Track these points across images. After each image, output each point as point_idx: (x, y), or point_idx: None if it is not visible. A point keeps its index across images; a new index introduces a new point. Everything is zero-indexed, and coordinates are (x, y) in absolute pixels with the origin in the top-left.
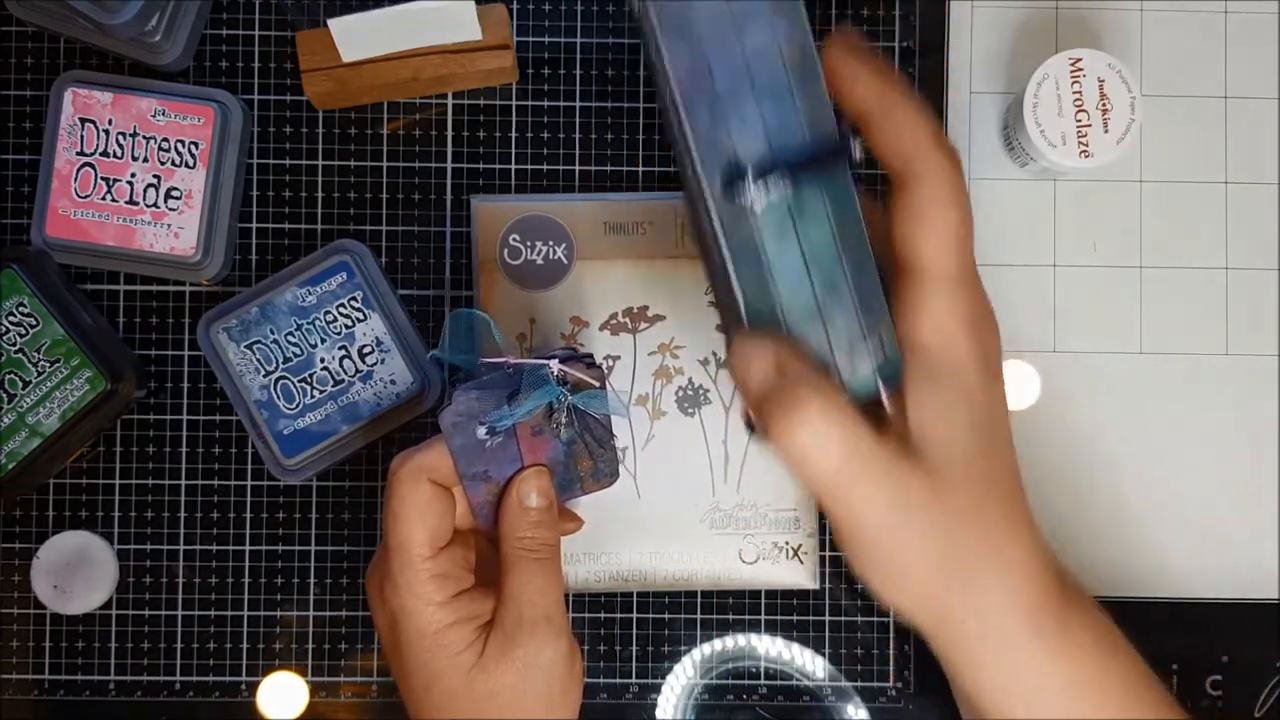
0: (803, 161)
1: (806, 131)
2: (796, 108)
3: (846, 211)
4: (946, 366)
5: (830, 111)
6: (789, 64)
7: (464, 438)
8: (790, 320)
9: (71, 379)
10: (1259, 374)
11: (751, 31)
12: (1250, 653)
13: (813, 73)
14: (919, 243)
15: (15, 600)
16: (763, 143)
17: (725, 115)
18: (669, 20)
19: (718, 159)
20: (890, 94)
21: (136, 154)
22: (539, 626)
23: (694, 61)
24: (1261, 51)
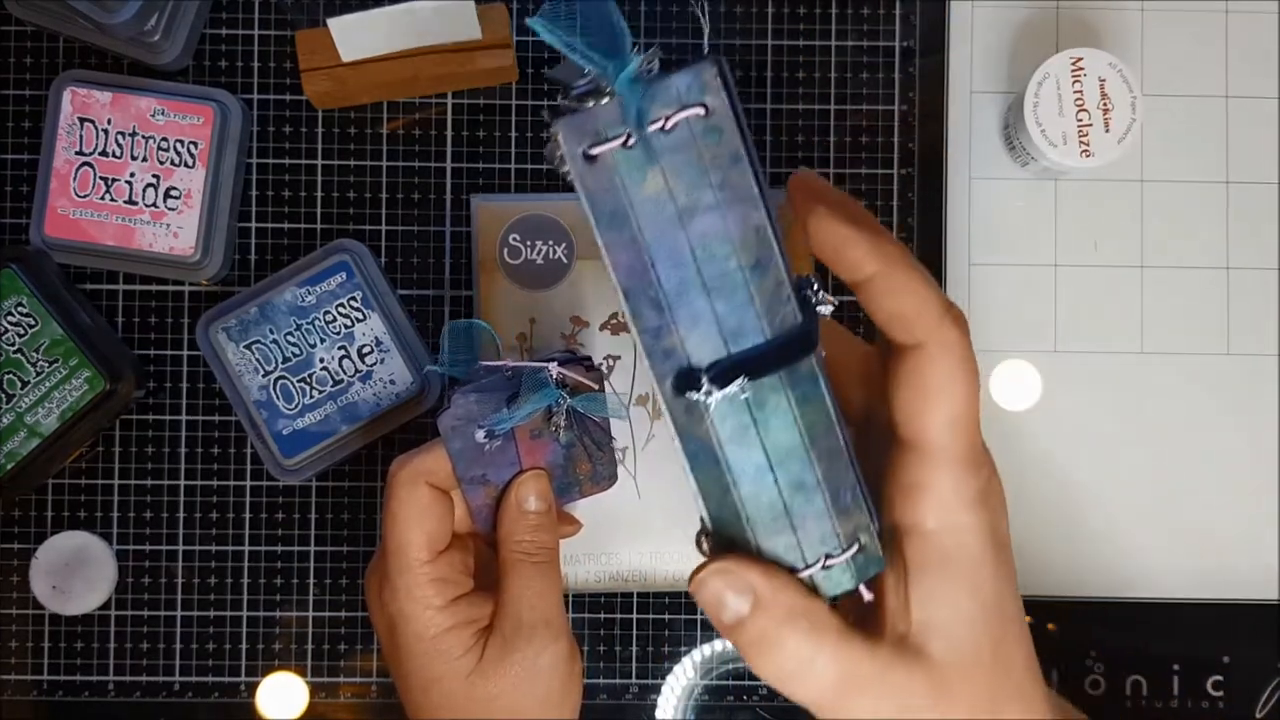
0: (762, 359)
1: (765, 325)
2: (753, 300)
3: (814, 405)
4: (952, 553)
5: (790, 299)
6: (742, 251)
7: (463, 441)
8: (755, 525)
9: (70, 379)
10: (1259, 374)
11: (699, 220)
12: (1251, 654)
13: (769, 257)
14: (925, 422)
15: (14, 601)
16: (717, 342)
17: (673, 313)
18: (603, 209)
19: (666, 360)
20: (889, 257)
21: (135, 153)
22: (538, 630)
23: (634, 257)
24: (1262, 51)
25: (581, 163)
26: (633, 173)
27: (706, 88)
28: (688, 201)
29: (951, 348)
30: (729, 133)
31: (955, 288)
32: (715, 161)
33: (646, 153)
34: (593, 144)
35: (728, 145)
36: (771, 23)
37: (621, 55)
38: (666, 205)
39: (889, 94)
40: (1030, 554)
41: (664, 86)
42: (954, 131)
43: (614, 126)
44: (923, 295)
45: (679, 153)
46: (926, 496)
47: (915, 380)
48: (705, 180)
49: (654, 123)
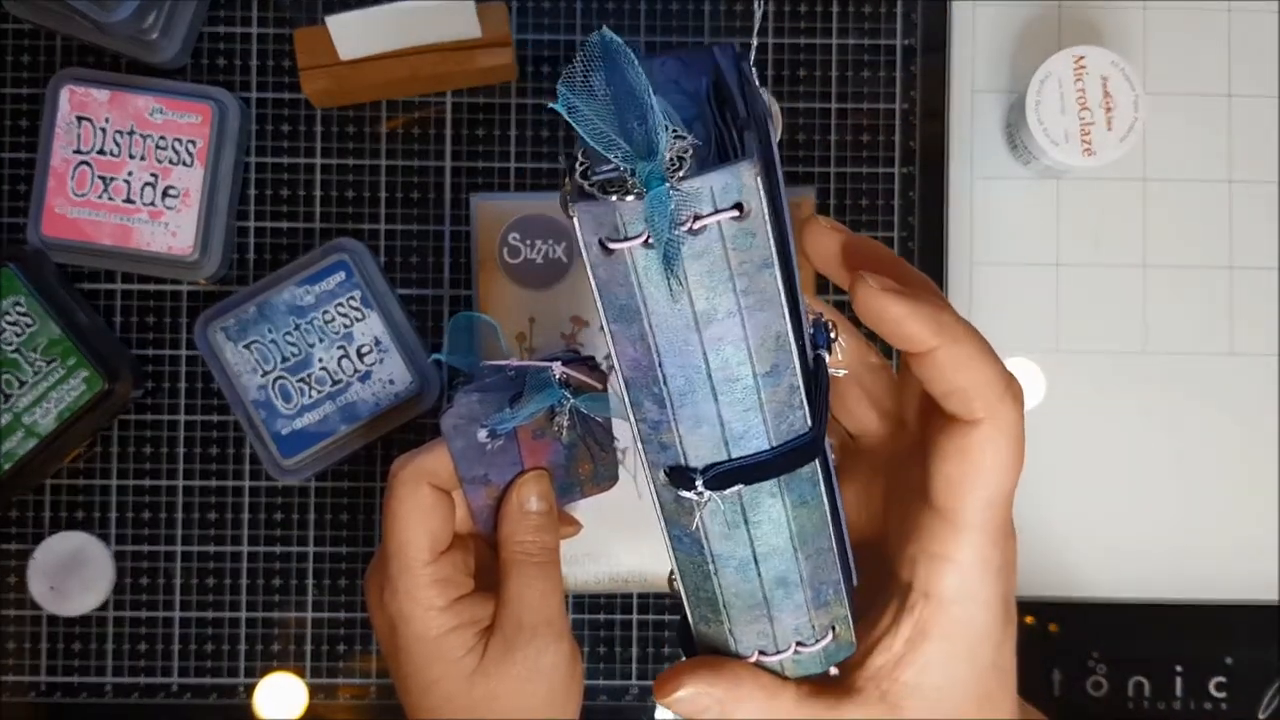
0: (763, 467)
1: (771, 432)
2: (761, 407)
3: (810, 508)
4: (962, 624)
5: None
6: (757, 359)
7: (465, 441)
8: (731, 610)
9: (68, 379)
10: (1262, 373)
11: (716, 326)
12: (1253, 654)
13: (785, 363)
14: (965, 500)
15: (11, 601)
16: (718, 445)
17: (676, 412)
18: (614, 302)
19: (662, 451)
20: (951, 331)
21: (134, 152)
22: (539, 630)
23: (641, 353)
24: (1265, 50)
25: (597, 251)
26: (650, 272)
27: (744, 189)
28: (707, 307)
29: (1007, 429)
30: (761, 236)
31: (957, 287)
32: (742, 267)
33: (669, 252)
34: (611, 238)
35: (759, 250)
36: (773, 21)
37: (654, 153)
38: (683, 308)
39: (890, 92)
40: (1032, 555)
41: (697, 186)
42: (956, 130)
43: (636, 224)
44: (985, 373)
45: (704, 256)
46: (950, 568)
47: (964, 457)
48: (729, 285)
49: (681, 224)
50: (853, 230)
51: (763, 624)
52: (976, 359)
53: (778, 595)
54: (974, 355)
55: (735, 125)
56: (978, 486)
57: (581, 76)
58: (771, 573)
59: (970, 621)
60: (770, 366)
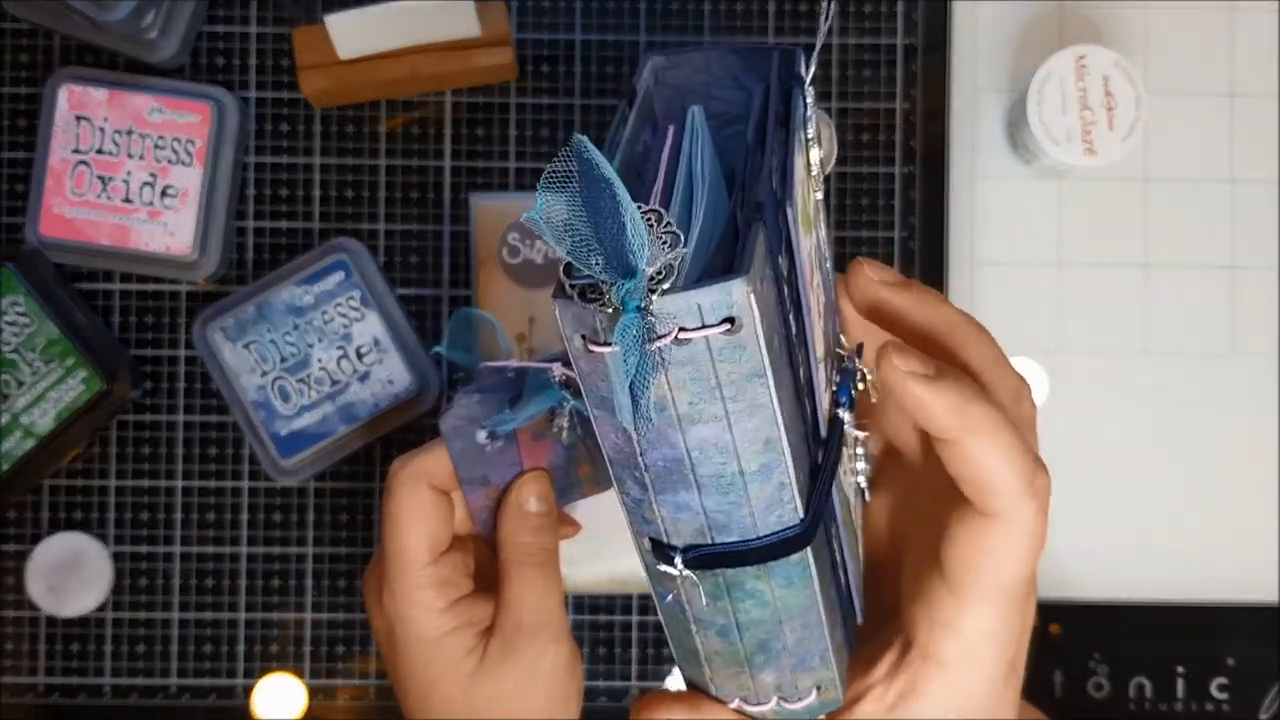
0: (745, 556)
1: (756, 524)
2: (747, 501)
3: (798, 590)
4: (959, 685)
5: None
6: (744, 459)
7: (464, 442)
8: (712, 665)
9: (66, 379)
10: (1262, 373)
11: (700, 429)
12: (1255, 655)
13: (775, 464)
14: (974, 578)
15: (9, 602)
16: (701, 530)
17: (657, 497)
18: (595, 393)
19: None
20: (974, 423)
21: (132, 152)
22: (539, 632)
23: (624, 441)
24: (1267, 49)
25: (578, 345)
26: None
27: (735, 305)
28: (690, 411)
29: (1026, 527)
30: (752, 349)
31: (958, 287)
32: (730, 377)
33: (649, 364)
34: (591, 340)
35: (749, 363)
36: (773, 20)
37: (633, 274)
38: (666, 409)
39: (891, 92)
40: None
41: (684, 302)
42: (957, 129)
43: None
44: (1008, 469)
45: (688, 366)
46: (952, 636)
47: (975, 545)
48: (715, 395)
49: (662, 338)
50: (854, 229)
51: (744, 679)
52: (1000, 454)
53: (759, 659)
54: (998, 450)
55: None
56: (987, 573)
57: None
58: (753, 640)
59: (967, 687)
60: (759, 466)
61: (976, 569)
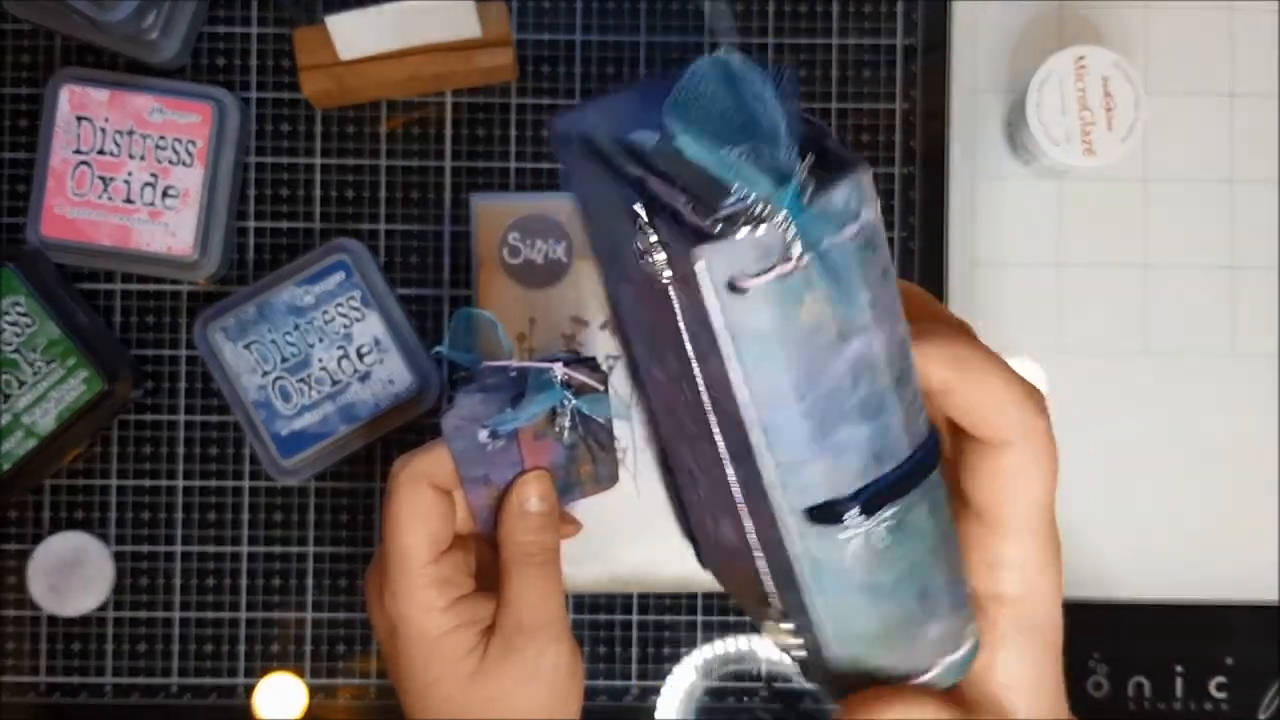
0: (908, 478)
1: (907, 441)
2: (896, 421)
3: (942, 511)
4: (1036, 618)
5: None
6: (889, 369)
7: (466, 441)
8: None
9: (68, 379)
10: (1263, 373)
11: (854, 343)
12: (1254, 655)
13: (909, 367)
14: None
15: (11, 602)
16: (862, 469)
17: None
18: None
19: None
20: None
21: (133, 152)
22: (540, 631)
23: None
24: (1266, 49)
25: (725, 294)
26: (787, 301)
27: (864, 197)
28: (844, 326)
29: (1038, 443)
30: (878, 242)
31: (957, 287)
32: (866, 278)
33: (805, 279)
34: (744, 274)
35: (880, 259)
36: (773, 20)
37: (790, 172)
38: (823, 332)
39: (890, 92)
40: None
41: (828, 203)
42: (956, 130)
43: (770, 255)
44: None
45: (835, 274)
46: (1007, 571)
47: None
48: (858, 300)
49: (842, 234)
50: None
51: (910, 647)
52: (998, 383)
53: (922, 611)
54: (995, 383)
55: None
56: (1019, 501)
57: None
58: (914, 590)
59: (1040, 615)
60: (899, 372)
61: (1006, 496)
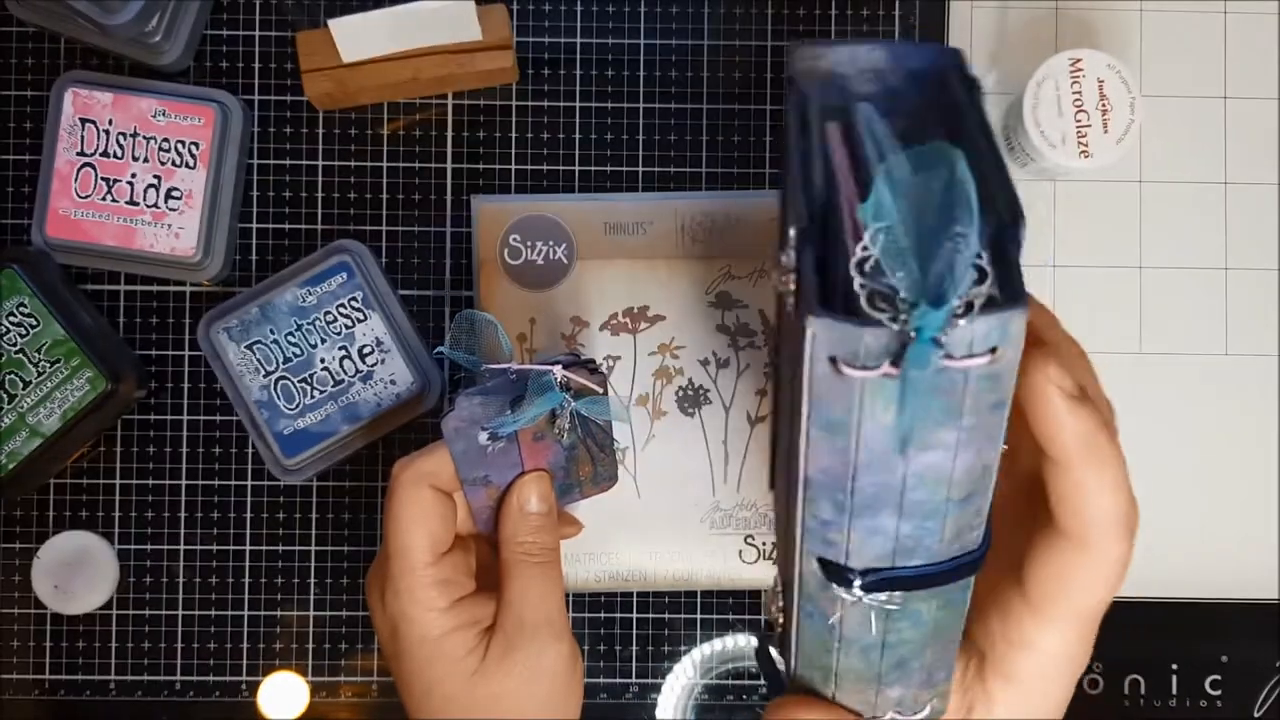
0: (925, 580)
1: (943, 549)
2: (944, 528)
3: (953, 610)
4: (1033, 702)
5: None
6: (956, 487)
7: (466, 443)
8: (841, 682)
9: (72, 379)
10: (1259, 374)
11: (927, 455)
12: (1249, 653)
13: (983, 490)
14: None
15: (16, 600)
16: (886, 553)
17: (854, 520)
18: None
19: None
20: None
21: (137, 154)
22: (540, 630)
23: (837, 464)
24: (1261, 52)
25: (825, 365)
26: (877, 400)
27: (1006, 336)
28: (923, 440)
29: (1115, 562)
30: (1005, 379)
31: None
32: (975, 405)
33: (900, 389)
34: (847, 361)
35: (997, 393)
36: (771, 23)
37: (943, 301)
38: (896, 436)
39: None
40: None
41: (961, 331)
42: None
43: (879, 355)
44: (1113, 502)
45: (938, 394)
46: (1031, 655)
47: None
48: (956, 422)
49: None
50: None
51: (868, 695)
52: (1109, 489)
53: (892, 676)
54: (1109, 485)
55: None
56: (1072, 599)
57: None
58: (893, 659)
59: (1038, 703)
60: (966, 494)
61: (1062, 594)
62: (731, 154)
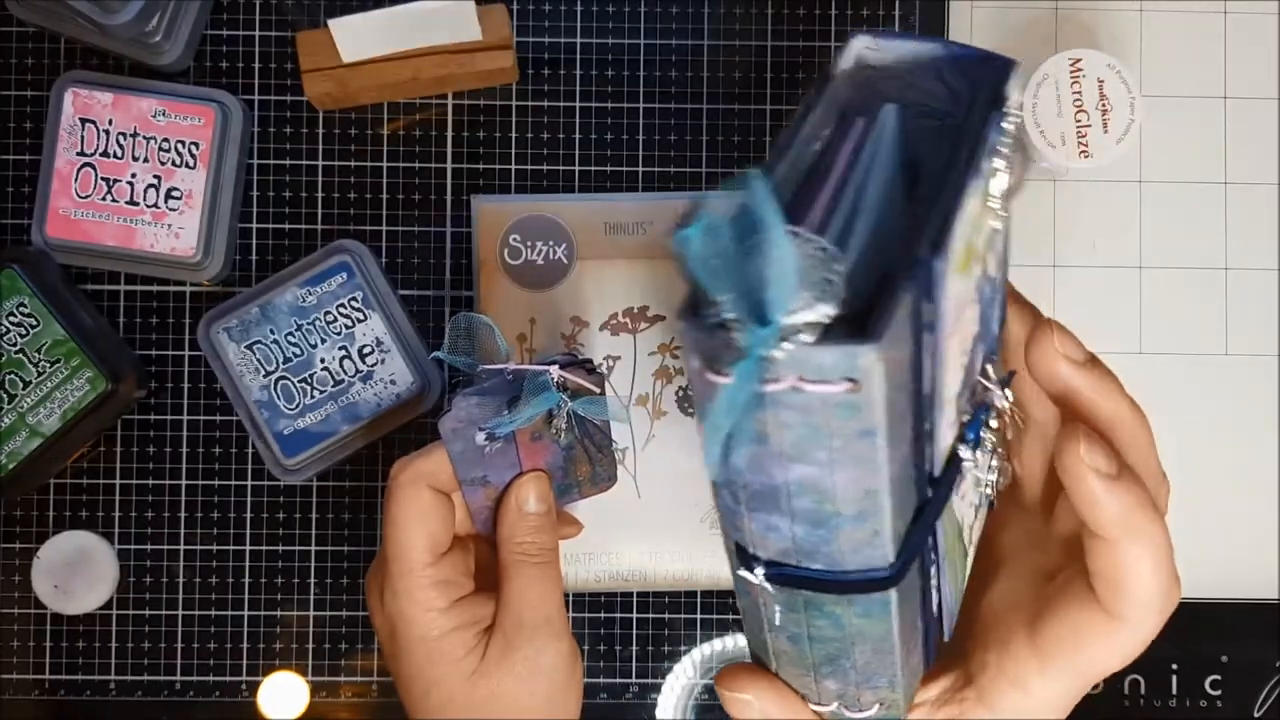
0: (826, 585)
1: (844, 560)
2: (836, 539)
3: (876, 621)
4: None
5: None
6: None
7: (463, 443)
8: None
9: (72, 379)
10: (1259, 374)
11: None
12: (1249, 653)
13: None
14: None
15: (16, 600)
16: (787, 554)
17: (750, 516)
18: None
19: (735, 532)
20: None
21: (137, 154)
22: (539, 630)
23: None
24: (1261, 51)
25: (696, 368)
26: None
27: (860, 370)
28: (793, 450)
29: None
30: (868, 411)
31: None
32: (840, 430)
33: (759, 401)
34: (707, 368)
35: (862, 422)
36: (771, 23)
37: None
38: (768, 442)
39: None
40: None
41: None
42: None
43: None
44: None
45: (798, 411)
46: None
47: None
48: (821, 442)
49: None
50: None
51: (808, 682)
52: (1150, 568)
53: (825, 669)
54: (1150, 564)
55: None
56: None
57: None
58: (823, 653)
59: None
60: (856, 512)
61: (1076, 654)
62: (732, 154)
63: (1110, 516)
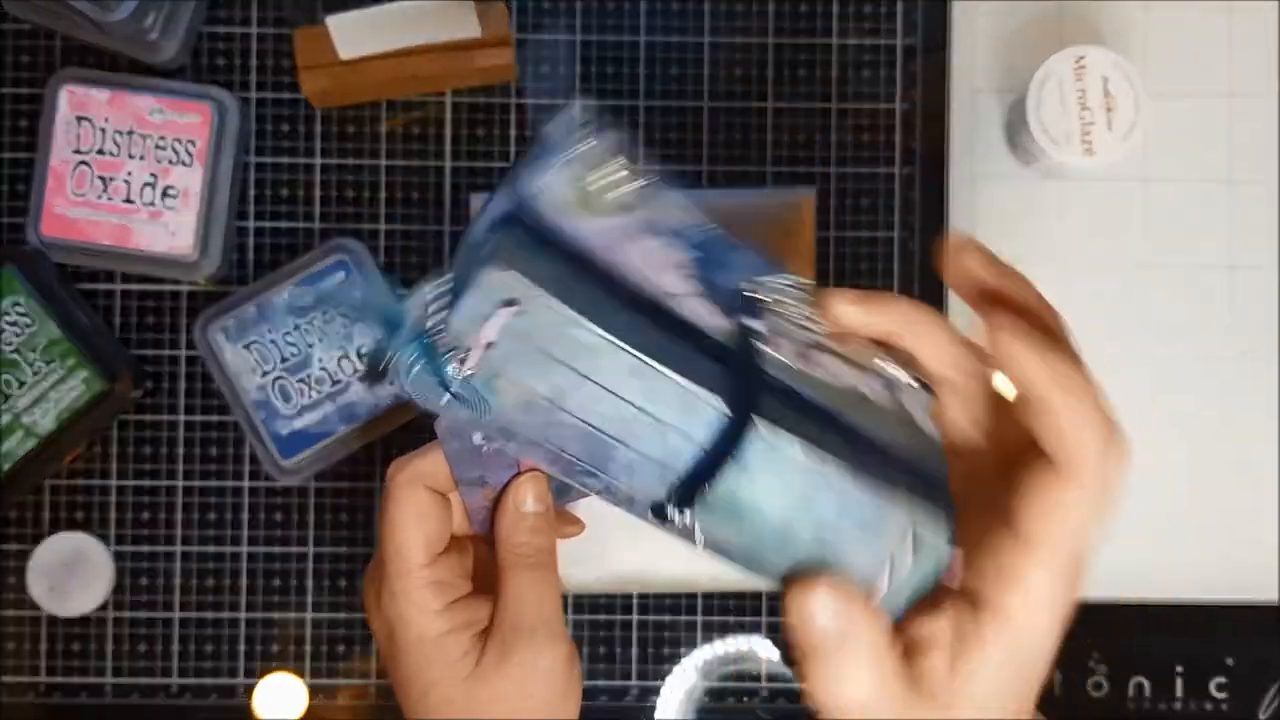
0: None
1: (692, 440)
2: (666, 427)
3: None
4: (1022, 646)
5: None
6: (629, 395)
7: (460, 443)
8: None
9: (67, 379)
10: (1262, 373)
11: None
12: (1254, 655)
13: (658, 378)
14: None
15: (11, 602)
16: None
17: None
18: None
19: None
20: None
21: (133, 152)
22: (537, 632)
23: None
24: (1266, 49)
25: (443, 427)
26: (486, 397)
27: (501, 290)
28: (548, 390)
29: (1103, 490)
30: (548, 312)
31: None
32: (548, 342)
33: (483, 378)
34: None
35: (554, 322)
36: (773, 20)
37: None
38: (533, 401)
39: (891, 92)
40: None
41: (464, 315)
42: (956, 130)
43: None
44: (1092, 427)
45: (514, 360)
46: (1020, 590)
47: (1052, 506)
48: (552, 364)
49: (462, 358)
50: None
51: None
52: (1086, 412)
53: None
54: (1085, 409)
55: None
56: (1062, 534)
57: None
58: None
59: (1028, 648)
60: (644, 389)
61: (1051, 524)
62: (732, 153)
63: (1046, 377)
